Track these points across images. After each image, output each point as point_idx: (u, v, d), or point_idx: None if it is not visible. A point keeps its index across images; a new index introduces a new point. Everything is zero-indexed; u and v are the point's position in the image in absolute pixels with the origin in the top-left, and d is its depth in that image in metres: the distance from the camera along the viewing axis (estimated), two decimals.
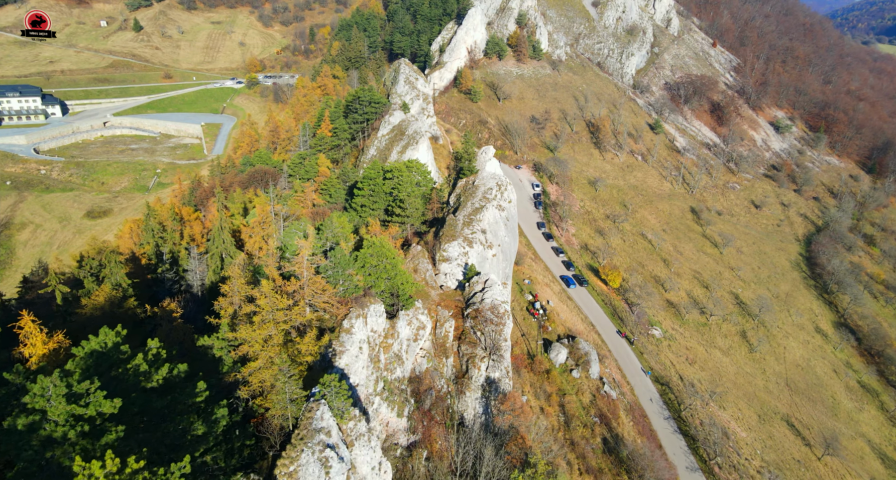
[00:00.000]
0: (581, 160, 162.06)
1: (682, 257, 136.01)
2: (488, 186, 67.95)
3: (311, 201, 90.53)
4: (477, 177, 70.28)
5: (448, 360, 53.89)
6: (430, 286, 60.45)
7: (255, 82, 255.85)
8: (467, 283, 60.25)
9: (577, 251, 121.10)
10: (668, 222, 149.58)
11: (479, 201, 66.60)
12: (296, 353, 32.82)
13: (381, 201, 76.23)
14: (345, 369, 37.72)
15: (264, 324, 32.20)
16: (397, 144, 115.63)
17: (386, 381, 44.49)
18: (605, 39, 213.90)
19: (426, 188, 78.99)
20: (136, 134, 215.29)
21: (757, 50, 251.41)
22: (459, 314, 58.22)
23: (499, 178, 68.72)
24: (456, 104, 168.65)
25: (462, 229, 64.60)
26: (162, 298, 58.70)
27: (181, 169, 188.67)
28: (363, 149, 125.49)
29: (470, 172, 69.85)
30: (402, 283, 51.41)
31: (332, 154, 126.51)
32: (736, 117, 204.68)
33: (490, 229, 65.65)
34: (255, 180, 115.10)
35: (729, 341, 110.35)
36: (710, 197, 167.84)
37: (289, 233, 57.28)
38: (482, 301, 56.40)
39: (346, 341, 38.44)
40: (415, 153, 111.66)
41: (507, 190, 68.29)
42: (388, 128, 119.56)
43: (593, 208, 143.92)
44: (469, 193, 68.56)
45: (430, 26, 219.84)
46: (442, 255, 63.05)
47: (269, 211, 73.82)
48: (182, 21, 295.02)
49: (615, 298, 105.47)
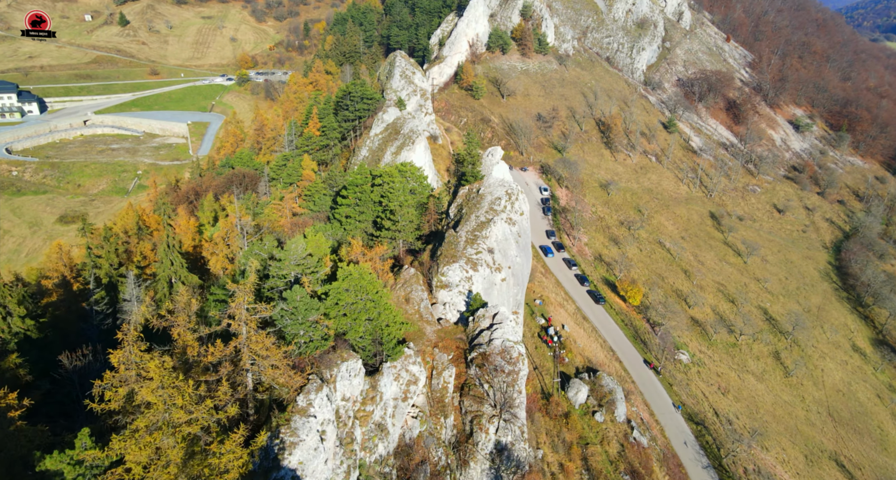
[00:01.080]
0: (591, 162, 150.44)
1: (704, 267, 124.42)
2: (496, 195, 56.37)
3: (290, 209, 78.97)
4: (482, 184, 58.74)
5: (447, 420, 42.30)
6: (424, 320, 48.86)
7: (246, 79, 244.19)
8: (471, 317, 48.61)
9: (591, 263, 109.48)
10: (687, 229, 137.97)
11: (486, 214, 54.99)
12: (209, 471, 21.12)
13: (368, 212, 64.63)
14: (298, 470, 26.05)
15: (153, 433, 20.53)
16: (391, 144, 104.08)
17: (363, 466, 32.81)
18: (614, 33, 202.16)
19: (422, 196, 67.39)
20: (118, 133, 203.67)
21: (772, 45, 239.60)
22: (461, 356, 46.59)
23: (508, 185, 57.20)
24: (456, 101, 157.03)
25: (464, 248, 53.00)
26: (92, 337, 47.24)
27: (164, 170, 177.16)
28: (354, 150, 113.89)
29: (474, 178, 58.42)
30: (389, 324, 39.79)
31: (321, 155, 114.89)
32: (753, 116, 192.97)
33: (498, 248, 54.06)
34: (233, 184, 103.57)
35: (762, 364, 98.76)
36: (729, 201, 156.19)
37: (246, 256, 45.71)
38: (490, 342, 44.79)
39: (301, 427, 26.82)
40: (411, 155, 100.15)
41: (518, 200, 56.74)
42: (382, 126, 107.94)
43: (606, 213, 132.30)
44: (473, 203, 56.97)
45: (429, 19, 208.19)
46: (440, 280, 51.45)
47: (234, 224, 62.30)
48: (171, 15, 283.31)
49: (636, 317, 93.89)
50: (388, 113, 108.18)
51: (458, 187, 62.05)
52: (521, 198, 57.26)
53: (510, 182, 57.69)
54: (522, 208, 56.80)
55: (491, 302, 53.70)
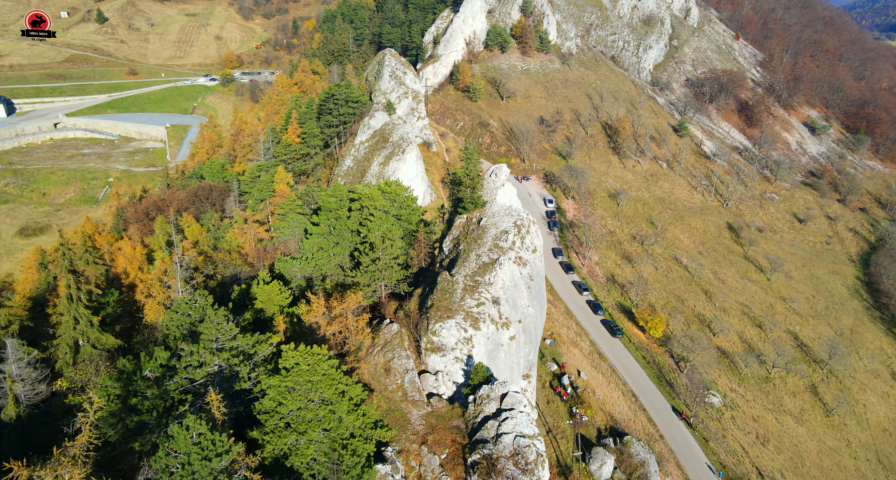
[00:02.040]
0: (599, 169, 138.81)
1: (726, 286, 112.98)
2: (502, 227, 44.57)
3: (255, 235, 66.85)
4: (484, 213, 46.95)
5: None
6: (409, 400, 37.01)
7: (231, 79, 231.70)
8: (472, 397, 36.73)
9: (604, 285, 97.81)
10: (704, 242, 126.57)
11: (489, 253, 43.17)
12: None
13: (344, 243, 52.68)
14: None
15: None
16: (379, 153, 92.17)
17: None
18: (619, 30, 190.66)
19: (410, 222, 55.45)
20: (90, 137, 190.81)
21: (783, 43, 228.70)
22: (458, 456, 34.67)
23: (517, 214, 45.39)
24: (452, 104, 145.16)
25: (462, 299, 41.18)
26: None
27: (137, 178, 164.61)
28: (338, 159, 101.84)
29: (474, 205, 46.70)
30: (355, 435, 27.83)
31: (300, 166, 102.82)
32: (767, 118, 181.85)
33: (506, 297, 42.26)
34: (199, 198, 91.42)
35: (799, 401, 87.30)
36: (747, 210, 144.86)
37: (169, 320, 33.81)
38: (498, 439, 32.95)
39: None
40: (400, 165, 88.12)
41: (529, 233, 44.97)
42: (368, 133, 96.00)
43: (616, 227, 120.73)
44: (473, 238, 45.17)
45: (423, 16, 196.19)
46: (431, 341, 39.65)
47: (173, 262, 50.23)
48: (153, 13, 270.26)
49: (658, 351, 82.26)
50: (375, 118, 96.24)
51: (453, 213, 50.44)
52: (534, 230, 45.51)
53: (519, 210, 45.89)
54: (535, 244, 45.04)
55: (497, 367, 41.82)
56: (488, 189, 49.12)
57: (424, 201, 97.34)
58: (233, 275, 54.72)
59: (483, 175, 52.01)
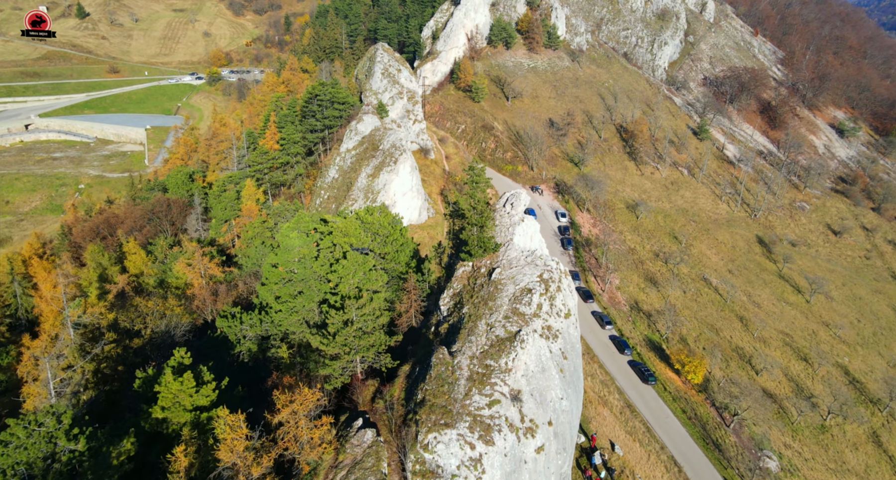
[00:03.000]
0: (615, 177, 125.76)
1: (762, 311, 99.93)
2: (522, 283, 31.50)
3: (206, 270, 53.75)
4: (497, 260, 33.93)
5: None
6: None
7: (218, 78, 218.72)
8: None
9: (628, 315, 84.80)
10: (733, 259, 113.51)
11: (505, 322, 30.21)
12: None
13: (310, 292, 39.62)
14: None
15: None
16: (367, 163, 79.17)
17: None
18: (632, 25, 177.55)
19: (399, 261, 42.44)
20: (64, 139, 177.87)
21: (803, 40, 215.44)
22: None
23: (543, 263, 32.20)
24: (453, 104, 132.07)
25: (468, 395, 28.21)
26: None
27: (111, 184, 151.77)
28: (322, 169, 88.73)
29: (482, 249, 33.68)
30: None
31: (279, 176, 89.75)
32: (793, 119, 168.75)
33: (531, 389, 29.22)
34: (156, 215, 78.36)
35: (863, 456, 74.27)
36: (777, 222, 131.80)
37: None
38: None
39: None
40: (392, 177, 75.07)
41: (561, 289, 31.95)
42: (356, 139, 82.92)
43: (637, 242, 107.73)
44: (482, 298, 32.21)
45: (421, 9, 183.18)
46: (420, 461, 26.62)
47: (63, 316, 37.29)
48: (137, 7, 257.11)
49: (698, 400, 69.28)
50: (363, 122, 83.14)
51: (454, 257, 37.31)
52: (566, 285, 32.50)
53: (545, 257, 32.69)
54: (569, 304, 32.00)
55: None
56: (502, 226, 36.04)
57: (421, 217, 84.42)
58: (164, 332, 41.70)
59: (494, 204, 38.72)
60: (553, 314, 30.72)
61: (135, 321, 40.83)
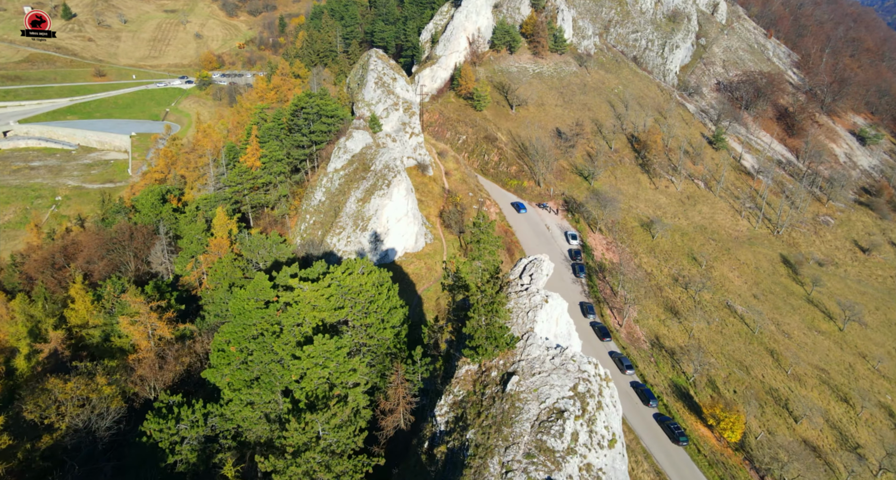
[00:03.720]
0: (627, 192, 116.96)
1: (793, 342, 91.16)
2: (549, 400, 22.53)
3: (154, 330, 44.94)
4: (513, 362, 24.98)
5: None
6: None
7: (208, 82, 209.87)
8: None
9: (649, 355, 76.03)
10: (757, 282, 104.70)
11: (528, 462, 21.40)
12: None
13: (270, 378, 30.78)
14: None
15: None
16: (357, 185, 70.48)
17: None
18: (641, 28, 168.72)
19: (384, 337, 33.61)
20: (44, 147, 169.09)
21: (818, 42, 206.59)
22: None
23: (577, 367, 23.44)
24: (453, 113, 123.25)
25: None
26: None
27: (90, 196, 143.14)
28: (308, 190, 79.89)
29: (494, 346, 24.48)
30: None
31: (260, 197, 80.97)
32: (812, 126, 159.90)
33: None
34: (117, 245, 69.53)
35: None
36: (801, 238, 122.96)
37: None
38: None
39: None
40: (384, 202, 66.42)
41: (603, 407, 23.15)
42: (345, 158, 74.21)
43: (654, 266, 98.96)
44: (493, 418, 23.37)
45: (419, 11, 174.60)
46: None
47: None
48: (127, 8, 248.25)
49: (736, 464, 60.51)
50: (353, 139, 74.35)
51: (454, 346, 28.24)
52: (608, 397, 23.54)
53: (578, 356, 23.77)
54: (613, 426, 22.99)
55: None
56: (519, 309, 27.08)
57: (418, 244, 75.66)
58: (85, 426, 32.82)
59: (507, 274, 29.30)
60: (593, 444, 21.86)
61: (46, 412, 32.01)
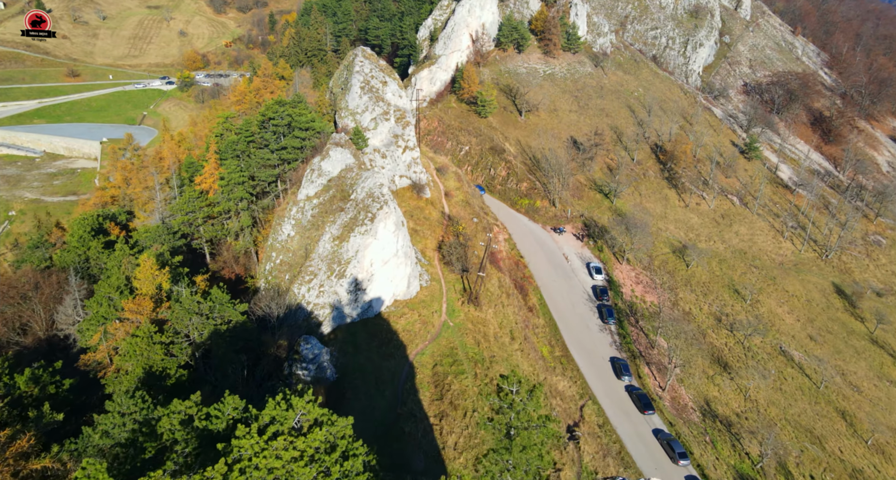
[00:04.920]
0: (654, 211, 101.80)
1: (864, 399, 76.00)
2: None
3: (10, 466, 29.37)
4: None
5: None
6: None
7: (191, 83, 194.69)
8: None
9: (701, 431, 60.74)
10: (811, 319, 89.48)
11: None
12: None
13: None
14: None
15: None
16: (333, 218, 55.38)
17: None
18: (661, 24, 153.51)
19: None
20: (6, 153, 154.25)
21: (849, 39, 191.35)
22: None
23: None
24: (454, 120, 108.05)
25: None
26: None
27: (47, 210, 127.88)
28: (275, 221, 64.50)
29: None
30: None
31: (217, 231, 65.76)
32: (851, 133, 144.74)
33: None
34: (19, 298, 54.20)
35: None
36: (853, 263, 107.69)
37: None
38: None
39: None
40: (368, 241, 51.60)
41: None
42: (320, 183, 59.13)
43: (691, 302, 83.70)
44: None
45: (417, 6, 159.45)
46: None
47: None
48: (107, 4, 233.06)
49: None
50: (330, 159, 59.15)
51: None
52: None
53: None
54: None
55: None
56: None
57: (411, 289, 60.48)
58: None
59: None
60: None
61: None
